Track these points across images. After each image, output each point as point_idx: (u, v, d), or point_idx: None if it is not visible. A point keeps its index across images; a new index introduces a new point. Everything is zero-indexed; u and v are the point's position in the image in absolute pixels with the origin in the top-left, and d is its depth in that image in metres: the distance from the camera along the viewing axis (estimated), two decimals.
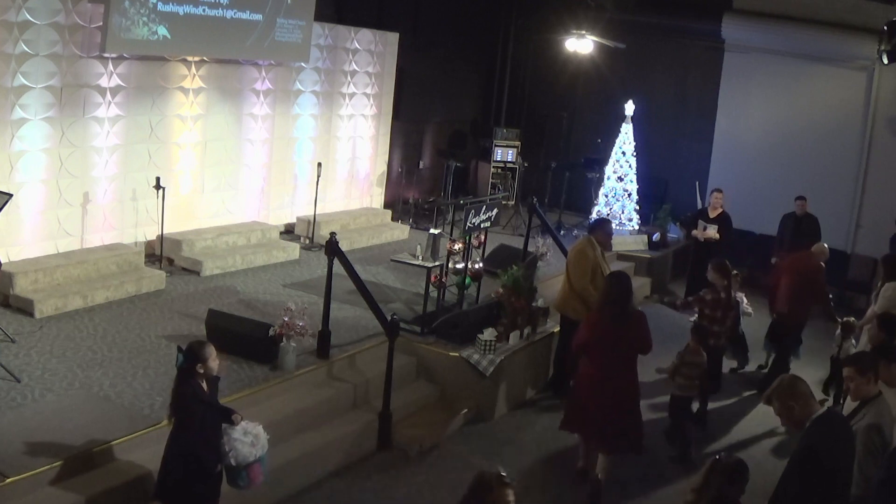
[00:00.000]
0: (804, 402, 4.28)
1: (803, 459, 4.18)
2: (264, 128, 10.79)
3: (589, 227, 8.52)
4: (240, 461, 4.82)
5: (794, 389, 4.31)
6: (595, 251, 7.96)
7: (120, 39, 8.42)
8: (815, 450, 4.16)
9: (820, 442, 4.17)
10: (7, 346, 6.72)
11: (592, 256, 7.90)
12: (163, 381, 6.35)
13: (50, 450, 5.26)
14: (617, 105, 13.50)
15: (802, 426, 4.29)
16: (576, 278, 7.87)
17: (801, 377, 4.47)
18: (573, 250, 8.12)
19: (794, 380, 4.39)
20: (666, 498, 6.64)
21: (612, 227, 8.44)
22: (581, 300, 7.86)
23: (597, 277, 7.82)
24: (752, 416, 8.44)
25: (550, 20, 14.03)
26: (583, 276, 7.84)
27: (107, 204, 8.97)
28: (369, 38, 12.18)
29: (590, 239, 8.07)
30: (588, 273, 7.85)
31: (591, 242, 8.01)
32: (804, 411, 4.27)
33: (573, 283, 7.90)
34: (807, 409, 4.27)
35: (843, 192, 13.10)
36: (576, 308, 7.91)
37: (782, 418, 4.38)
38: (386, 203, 13.11)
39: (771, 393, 4.38)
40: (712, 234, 11.15)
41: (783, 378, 4.44)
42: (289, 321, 6.81)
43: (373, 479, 6.53)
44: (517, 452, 7.25)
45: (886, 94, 12.82)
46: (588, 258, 7.88)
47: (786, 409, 4.30)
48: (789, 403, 4.29)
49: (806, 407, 4.28)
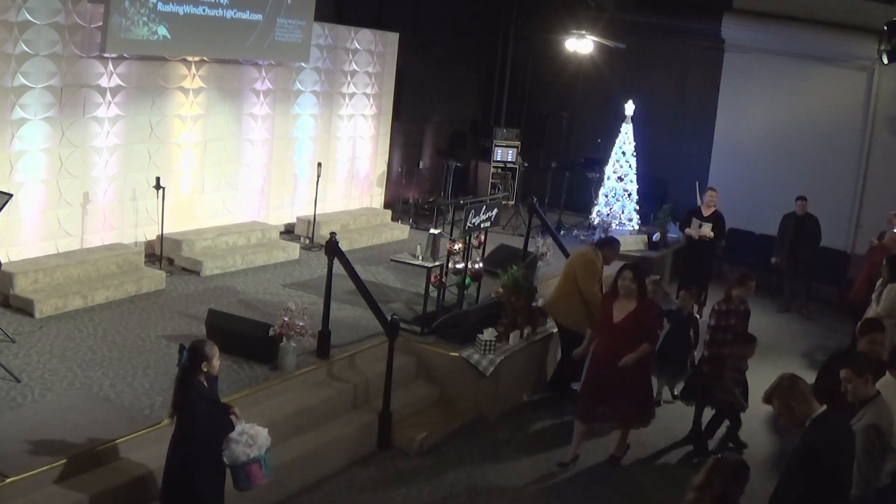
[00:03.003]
0: (804, 402, 4.28)
1: (804, 459, 4.19)
2: (264, 128, 10.79)
3: (598, 242, 8.69)
4: (232, 461, 4.81)
5: (795, 389, 4.31)
6: (601, 264, 8.17)
7: (120, 39, 8.42)
8: (815, 449, 4.16)
9: (820, 442, 4.18)
10: (7, 346, 6.72)
11: (599, 267, 8.13)
12: (163, 381, 6.36)
13: (50, 450, 5.26)
14: (617, 105, 13.49)
15: (802, 425, 4.29)
16: (585, 285, 7.99)
17: (800, 377, 4.46)
18: (582, 257, 8.21)
19: (795, 379, 4.39)
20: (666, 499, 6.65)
21: (618, 247, 8.56)
22: (573, 306, 8.03)
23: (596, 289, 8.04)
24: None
25: (550, 20, 14.03)
26: (593, 283, 8.00)
27: (107, 204, 8.97)
28: (369, 38, 12.18)
29: (596, 251, 8.23)
30: (597, 280, 8.04)
31: (598, 255, 8.18)
32: (804, 411, 4.27)
33: (583, 288, 8.00)
34: (807, 409, 4.28)
35: (843, 192, 13.10)
36: (565, 313, 8.15)
37: (782, 417, 4.39)
38: (386, 203, 13.11)
39: (771, 392, 4.39)
40: (707, 233, 11.16)
41: (784, 377, 4.43)
42: (289, 321, 6.81)
43: (373, 479, 6.53)
44: (517, 452, 7.25)
45: (886, 94, 12.82)
46: (597, 267, 8.10)
47: (786, 408, 4.31)
48: (790, 403, 4.29)
49: (806, 406, 4.28)
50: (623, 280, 6.84)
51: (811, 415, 4.27)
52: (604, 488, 6.77)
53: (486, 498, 6.47)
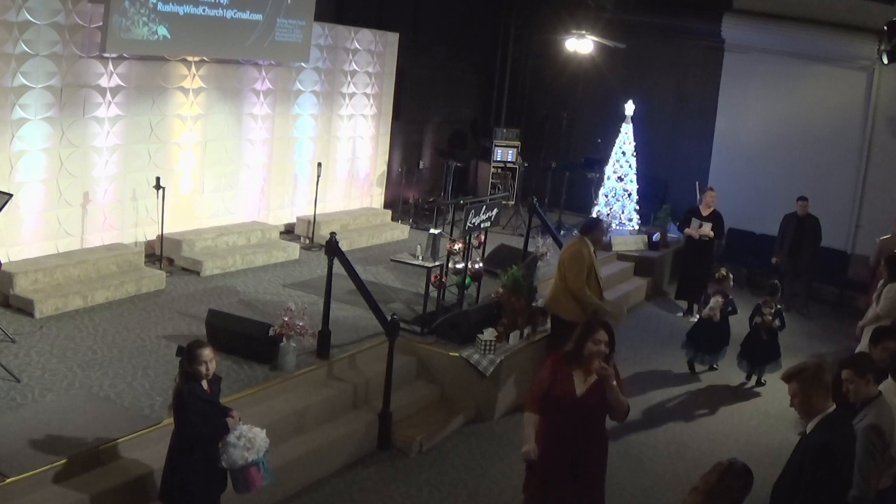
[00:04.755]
0: (824, 396, 4.17)
1: (819, 457, 4.08)
2: (264, 128, 10.79)
3: (582, 227, 8.32)
4: (230, 464, 4.81)
5: (819, 380, 4.19)
6: (589, 251, 7.85)
7: (120, 39, 8.42)
8: (830, 448, 4.08)
9: (835, 440, 4.10)
10: (7, 346, 6.72)
11: (588, 256, 7.81)
12: (163, 381, 6.36)
13: (50, 450, 5.26)
14: (617, 105, 13.49)
15: (812, 417, 4.19)
16: (572, 279, 7.77)
17: (827, 368, 4.33)
18: (568, 251, 7.99)
19: (821, 370, 4.25)
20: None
21: (605, 225, 8.33)
22: (573, 299, 7.80)
23: (591, 278, 7.81)
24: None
25: (550, 20, 14.04)
26: (579, 277, 7.74)
27: (107, 204, 8.97)
28: (369, 38, 12.18)
29: (583, 239, 7.92)
30: (584, 273, 7.75)
31: (585, 242, 7.87)
32: (820, 405, 4.17)
33: (570, 283, 7.80)
34: (823, 404, 4.17)
35: (843, 192, 13.10)
36: (567, 307, 7.86)
37: (795, 401, 4.25)
38: (386, 203, 13.11)
39: (795, 375, 4.25)
40: (707, 232, 11.17)
41: (810, 365, 4.29)
42: (289, 321, 6.81)
43: (373, 479, 6.54)
44: (517, 452, 7.22)
45: (886, 94, 12.82)
46: (584, 258, 7.77)
47: (805, 395, 4.18)
48: (810, 392, 4.17)
49: (823, 401, 4.17)
50: (594, 345, 4.89)
51: (825, 410, 4.17)
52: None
53: (486, 498, 6.47)
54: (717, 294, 9.23)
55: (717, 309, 9.08)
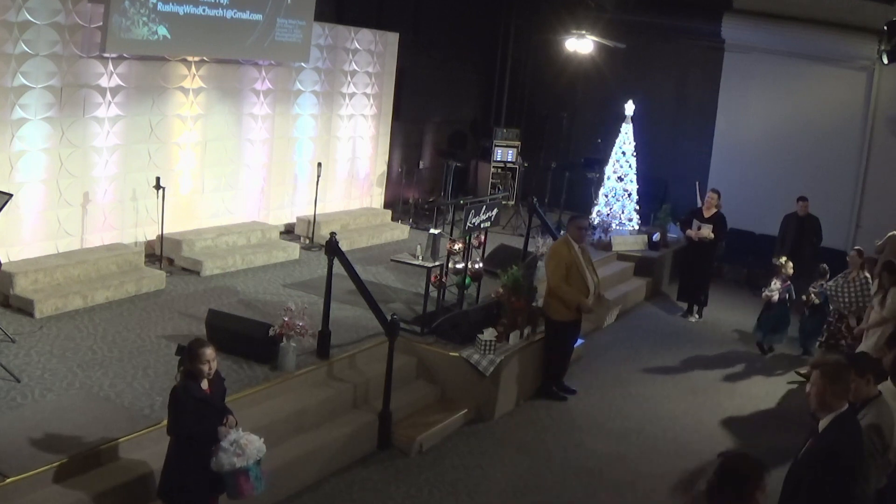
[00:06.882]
0: (842, 392, 4.12)
1: (828, 457, 4.03)
2: (264, 128, 10.79)
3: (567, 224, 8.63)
4: (218, 468, 4.77)
5: (841, 376, 4.14)
6: (571, 249, 8.05)
7: (120, 39, 8.42)
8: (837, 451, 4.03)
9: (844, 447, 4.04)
10: (7, 346, 6.72)
11: (567, 254, 8.00)
12: (163, 381, 6.35)
13: (50, 450, 5.26)
14: (617, 105, 13.49)
15: (824, 413, 4.12)
16: (549, 276, 8.02)
17: (850, 367, 4.29)
18: (549, 250, 8.27)
19: (844, 367, 4.21)
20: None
21: (586, 221, 8.65)
22: (559, 299, 8.02)
23: (572, 274, 7.99)
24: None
25: (550, 20, 14.03)
26: (555, 274, 7.96)
27: (107, 204, 8.97)
28: (369, 38, 12.18)
29: (566, 237, 8.18)
30: (561, 270, 7.96)
31: (567, 240, 8.12)
32: (834, 402, 4.11)
33: (548, 281, 8.06)
34: (837, 402, 4.12)
35: (843, 192, 13.12)
36: (554, 307, 8.11)
37: (812, 391, 4.18)
38: (386, 203, 13.11)
39: (818, 364, 4.21)
40: (706, 234, 11.16)
41: (834, 360, 4.25)
42: (289, 321, 6.81)
43: (373, 479, 6.53)
44: (517, 452, 7.25)
45: (886, 94, 12.83)
46: (561, 256, 7.98)
47: (821, 388, 4.11)
48: (826, 386, 4.10)
49: (838, 399, 4.12)
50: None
51: (839, 409, 4.11)
52: (604, 487, 6.77)
53: (486, 498, 6.47)
54: (777, 278, 10.16)
55: (775, 291, 10.03)
